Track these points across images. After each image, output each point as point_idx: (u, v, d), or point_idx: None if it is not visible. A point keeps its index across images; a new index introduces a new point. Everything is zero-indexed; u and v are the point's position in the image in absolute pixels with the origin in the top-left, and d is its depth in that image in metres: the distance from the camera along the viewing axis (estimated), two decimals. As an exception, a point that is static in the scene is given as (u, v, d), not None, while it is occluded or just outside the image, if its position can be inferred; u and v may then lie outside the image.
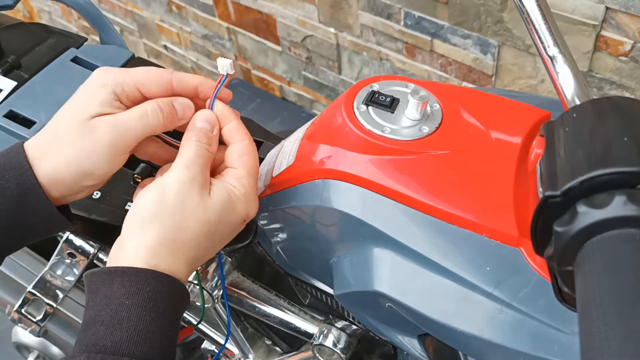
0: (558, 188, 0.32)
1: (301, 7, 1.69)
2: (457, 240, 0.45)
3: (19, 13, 2.66)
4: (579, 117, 0.35)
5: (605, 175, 0.31)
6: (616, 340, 0.27)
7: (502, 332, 0.42)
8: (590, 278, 0.30)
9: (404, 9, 1.46)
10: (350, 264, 0.52)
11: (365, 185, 0.48)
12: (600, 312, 0.29)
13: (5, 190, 0.47)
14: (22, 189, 0.47)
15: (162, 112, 0.50)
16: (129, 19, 2.27)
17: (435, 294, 0.45)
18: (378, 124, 0.50)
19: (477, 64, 1.43)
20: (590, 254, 0.31)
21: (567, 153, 0.34)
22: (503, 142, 0.49)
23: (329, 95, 1.89)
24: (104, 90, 0.49)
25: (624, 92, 1.24)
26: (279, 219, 0.58)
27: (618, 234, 0.30)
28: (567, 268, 0.33)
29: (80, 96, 0.50)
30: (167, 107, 0.50)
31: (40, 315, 0.85)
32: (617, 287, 0.29)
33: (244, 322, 0.79)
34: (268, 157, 0.63)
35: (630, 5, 1.11)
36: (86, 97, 0.49)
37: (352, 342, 0.66)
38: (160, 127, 0.50)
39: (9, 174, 0.47)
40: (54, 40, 0.78)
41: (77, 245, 0.82)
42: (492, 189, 0.46)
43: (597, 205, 0.31)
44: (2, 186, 0.47)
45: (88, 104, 0.49)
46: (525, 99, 0.55)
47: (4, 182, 0.47)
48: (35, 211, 0.48)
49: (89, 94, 0.49)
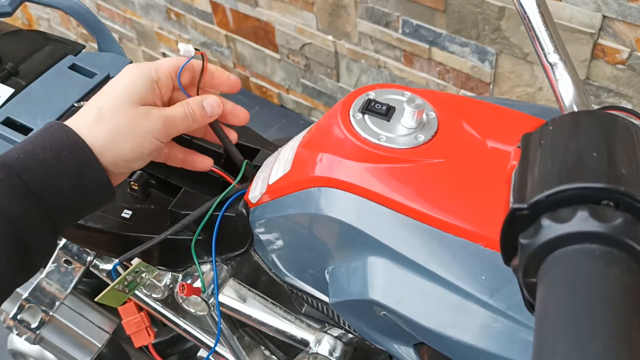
0: (526, 201, 0.33)
1: (300, 15, 1.69)
2: (453, 248, 0.45)
3: (18, 21, 2.67)
4: (555, 130, 0.35)
5: (570, 190, 0.31)
6: (561, 355, 0.27)
7: (497, 341, 0.42)
8: (547, 291, 0.31)
9: (402, 17, 1.46)
10: (345, 272, 0.52)
11: (361, 193, 0.48)
12: (551, 326, 0.29)
13: (65, 168, 0.49)
14: (80, 164, 0.50)
15: (196, 114, 0.56)
16: (127, 27, 2.27)
17: (431, 303, 0.45)
18: (374, 132, 0.50)
19: (474, 72, 1.43)
20: (551, 268, 0.31)
21: (539, 166, 0.34)
22: (499, 151, 0.49)
23: (327, 103, 1.90)
24: (143, 79, 0.54)
25: (622, 100, 1.25)
26: (275, 226, 0.58)
27: (578, 249, 0.30)
28: (531, 280, 0.33)
29: (123, 86, 0.53)
30: (198, 108, 0.56)
31: (36, 322, 0.85)
32: (569, 302, 0.29)
33: (239, 330, 0.79)
34: (264, 164, 0.63)
35: (628, 14, 1.11)
36: (130, 86, 0.53)
37: (348, 350, 0.66)
38: (194, 128, 0.56)
39: (66, 151, 0.50)
40: (52, 47, 0.78)
41: (74, 253, 0.82)
42: (488, 197, 0.46)
43: (560, 220, 0.31)
44: (62, 162, 0.49)
45: (135, 91, 0.53)
46: (523, 108, 0.55)
47: (63, 159, 0.49)
48: (92, 185, 0.51)
49: (132, 84, 0.53)
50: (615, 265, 0.30)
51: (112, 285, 0.68)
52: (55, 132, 0.51)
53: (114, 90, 0.54)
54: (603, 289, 0.29)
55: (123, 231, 0.67)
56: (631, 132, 0.34)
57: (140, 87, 0.54)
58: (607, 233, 0.30)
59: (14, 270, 0.47)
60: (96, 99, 0.54)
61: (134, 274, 0.68)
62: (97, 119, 0.52)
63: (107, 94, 0.54)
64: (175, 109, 0.55)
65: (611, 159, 0.32)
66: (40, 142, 0.50)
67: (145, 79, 0.54)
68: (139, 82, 0.54)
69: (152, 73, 0.55)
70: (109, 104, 0.53)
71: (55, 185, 0.49)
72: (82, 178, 0.50)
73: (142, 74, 0.54)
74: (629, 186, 0.31)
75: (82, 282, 0.91)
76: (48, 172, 0.49)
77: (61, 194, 0.49)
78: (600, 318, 0.28)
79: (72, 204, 0.51)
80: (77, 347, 0.89)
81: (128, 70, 0.55)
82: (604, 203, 0.31)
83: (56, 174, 0.49)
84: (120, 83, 0.54)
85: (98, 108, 0.53)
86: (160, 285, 0.72)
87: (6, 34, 0.79)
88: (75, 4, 0.81)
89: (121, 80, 0.54)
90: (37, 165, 0.48)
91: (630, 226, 0.30)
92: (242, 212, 0.62)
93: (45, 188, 0.48)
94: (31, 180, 0.48)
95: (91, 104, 0.54)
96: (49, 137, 0.50)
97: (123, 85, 0.54)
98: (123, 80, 0.54)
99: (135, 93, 0.53)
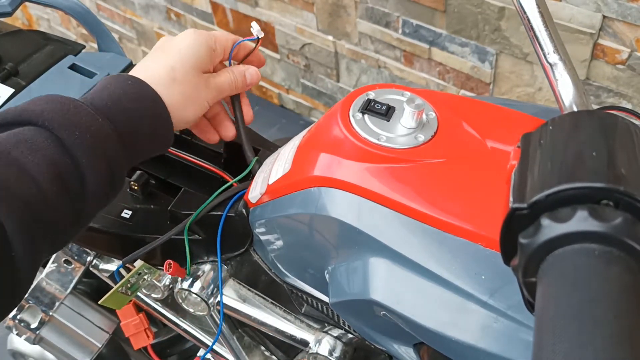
0: (526, 200, 0.33)
1: (300, 15, 1.69)
2: (452, 248, 0.45)
3: (18, 21, 2.67)
4: (555, 130, 0.35)
5: (570, 189, 0.31)
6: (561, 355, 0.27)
7: (497, 341, 0.42)
8: (547, 290, 0.30)
9: (402, 17, 1.46)
10: (345, 272, 0.52)
11: (361, 193, 0.48)
12: (551, 325, 0.29)
13: (145, 119, 0.54)
14: (156, 119, 0.55)
15: (239, 82, 0.63)
16: (127, 27, 2.27)
17: (430, 303, 0.45)
18: (374, 132, 0.50)
19: (474, 72, 1.43)
20: (551, 267, 0.31)
21: (539, 166, 0.34)
22: (499, 151, 0.49)
23: (327, 103, 1.90)
24: (205, 47, 0.59)
25: (622, 100, 1.25)
26: (275, 226, 0.58)
27: (578, 249, 0.31)
28: (531, 279, 0.33)
29: (190, 50, 0.58)
30: (241, 77, 0.63)
31: (36, 322, 0.85)
32: (568, 301, 0.29)
33: (239, 330, 0.79)
34: (264, 164, 0.63)
35: (627, 14, 1.11)
36: (195, 53, 0.58)
37: (348, 350, 0.66)
38: (236, 92, 0.63)
39: (147, 104, 0.54)
40: (52, 47, 0.78)
41: (73, 253, 0.82)
42: (488, 197, 0.46)
43: (559, 219, 0.31)
44: (143, 114, 0.54)
45: (199, 58, 0.58)
46: (522, 108, 0.55)
47: (143, 112, 0.54)
48: (161, 139, 0.57)
49: (196, 51, 0.58)
50: (615, 264, 0.30)
51: (116, 288, 0.67)
52: (136, 85, 0.55)
53: (182, 54, 0.58)
54: (603, 289, 0.29)
55: (123, 231, 0.67)
56: (631, 132, 0.34)
57: (204, 55, 0.59)
58: (607, 232, 0.30)
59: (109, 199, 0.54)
60: (164, 57, 0.58)
61: (137, 276, 0.68)
62: (170, 79, 0.56)
63: (174, 56, 0.57)
64: (224, 77, 0.61)
65: (611, 158, 0.32)
66: (123, 93, 0.54)
67: (206, 48, 0.59)
68: (202, 50, 0.58)
69: (211, 43, 0.59)
70: (180, 67, 0.57)
71: (135, 133, 0.53)
72: (156, 130, 0.55)
73: (204, 42, 0.59)
74: (629, 186, 0.31)
75: (82, 282, 0.91)
76: (131, 121, 0.53)
77: (137, 141, 0.54)
78: (600, 317, 0.28)
79: (142, 152, 0.56)
80: (77, 347, 0.89)
81: (190, 36, 0.59)
82: (604, 203, 0.31)
83: (137, 124, 0.53)
84: (186, 46, 0.58)
85: (171, 68, 0.57)
86: (160, 285, 0.72)
87: (6, 34, 0.79)
88: (75, 4, 0.81)
89: (186, 43, 0.58)
90: (123, 113, 0.53)
91: (629, 226, 0.30)
92: (242, 212, 0.62)
93: (126, 134, 0.52)
94: (119, 127, 0.52)
95: (160, 62, 0.57)
96: (131, 90, 0.54)
97: (189, 49, 0.58)
98: (188, 45, 0.58)
99: (199, 59, 0.58)
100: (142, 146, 0.55)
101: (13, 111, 0.49)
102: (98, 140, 0.49)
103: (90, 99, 0.52)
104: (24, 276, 0.44)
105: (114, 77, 0.55)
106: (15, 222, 0.43)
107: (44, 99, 0.50)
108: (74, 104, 0.50)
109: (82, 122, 0.49)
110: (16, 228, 0.43)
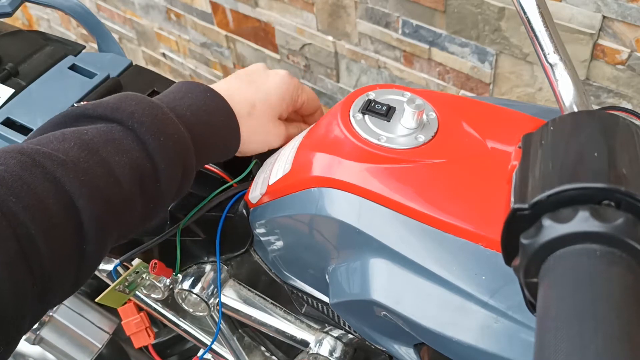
0: (527, 201, 0.33)
1: (300, 16, 1.69)
2: (453, 249, 0.45)
3: (18, 21, 2.67)
4: (556, 130, 0.35)
5: (571, 190, 0.31)
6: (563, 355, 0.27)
7: (498, 341, 0.42)
8: (549, 291, 0.30)
9: (402, 18, 1.46)
10: (346, 272, 0.52)
11: (361, 193, 0.48)
12: (553, 325, 0.29)
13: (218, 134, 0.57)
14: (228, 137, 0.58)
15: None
16: (127, 27, 2.27)
17: (431, 303, 0.45)
18: (374, 133, 0.50)
19: (474, 72, 1.43)
20: (552, 268, 0.31)
21: (540, 166, 0.34)
22: (499, 152, 0.49)
23: (327, 103, 1.90)
24: (288, 100, 0.62)
25: (622, 100, 1.25)
26: (275, 227, 0.58)
27: (580, 249, 0.30)
28: (532, 280, 0.33)
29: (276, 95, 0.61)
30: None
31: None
32: (570, 302, 0.29)
33: (239, 330, 0.79)
34: (265, 165, 0.63)
35: (627, 14, 1.11)
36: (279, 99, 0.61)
37: (348, 351, 0.66)
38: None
39: (221, 117, 0.57)
40: (52, 47, 0.78)
41: (74, 253, 0.82)
42: (488, 198, 0.46)
43: (561, 220, 0.31)
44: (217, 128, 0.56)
45: (281, 105, 0.61)
46: (523, 108, 0.55)
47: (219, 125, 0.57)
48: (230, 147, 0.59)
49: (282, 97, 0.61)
50: (616, 265, 0.29)
51: (113, 286, 0.68)
52: (215, 99, 0.57)
53: (267, 94, 0.60)
54: (604, 289, 0.29)
55: (123, 231, 0.67)
56: (632, 132, 0.34)
57: (286, 104, 0.62)
58: (609, 233, 0.30)
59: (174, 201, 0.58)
60: (250, 90, 0.60)
61: (135, 275, 0.68)
62: (247, 113, 0.59)
63: (259, 93, 0.60)
64: (293, 130, 0.64)
65: (612, 159, 0.32)
66: (203, 104, 0.56)
67: (290, 99, 0.62)
68: (286, 99, 0.61)
69: (295, 96, 0.62)
70: (260, 107, 0.59)
71: (207, 143, 0.56)
72: (225, 144, 0.58)
73: (292, 92, 0.62)
74: (630, 186, 0.31)
75: (82, 282, 0.91)
76: (206, 132, 0.55)
77: (207, 151, 0.56)
78: (602, 318, 0.28)
79: (208, 160, 0.58)
80: (77, 348, 0.89)
81: (282, 79, 0.61)
82: (605, 203, 0.31)
83: (210, 136, 0.56)
84: (274, 88, 0.61)
85: (251, 105, 0.59)
86: (160, 285, 0.72)
87: (6, 35, 0.79)
88: (75, 4, 0.81)
89: (275, 84, 0.61)
90: (201, 125, 0.55)
91: (631, 226, 0.30)
92: (242, 212, 0.62)
93: (200, 144, 0.55)
94: (196, 137, 0.54)
95: (244, 94, 0.59)
96: (210, 102, 0.56)
97: (276, 94, 0.61)
98: (277, 87, 0.61)
99: (280, 107, 0.61)
100: (210, 155, 0.58)
101: (105, 106, 0.51)
102: (178, 148, 0.52)
103: (172, 106, 0.54)
104: (90, 264, 0.47)
105: (193, 86, 0.57)
106: (94, 215, 0.45)
107: (133, 99, 0.52)
108: (161, 111, 0.52)
109: (167, 130, 0.51)
110: (93, 221, 0.45)
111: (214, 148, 0.57)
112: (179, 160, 0.52)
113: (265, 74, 0.61)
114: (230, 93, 0.58)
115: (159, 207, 0.53)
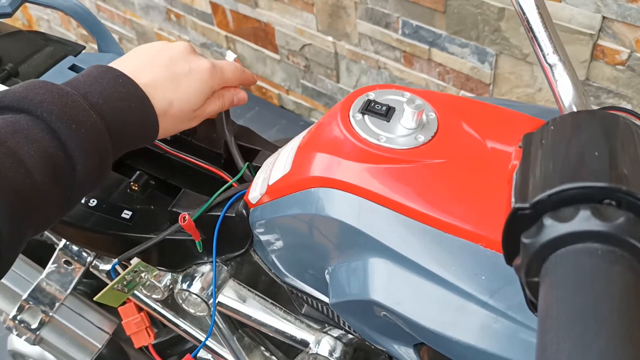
0: (528, 200, 0.33)
1: (299, 16, 1.69)
2: (453, 249, 0.45)
3: (18, 21, 2.67)
4: (556, 130, 0.35)
5: (572, 189, 0.31)
6: (565, 354, 0.27)
7: (498, 341, 0.42)
8: (550, 290, 0.30)
9: (402, 18, 1.47)
10: (345, 272, 0.52)
11: (361, 193, 0.48)
12: (555, 325, 0.29)
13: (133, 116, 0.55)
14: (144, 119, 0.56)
15: (227, 104, 0.65)
16: (127, 27, 2.27)
17: (431, 303, 0.45)
18: (374, 133, 0.50)
19: (474, 73, 1.43)
20: (554, 267, 0.31)
21: (540, 166, 0.34)
22: (499, 152, 0.49)
23: (327, 104, 1.90)
24: (208, 93, 0.61)
25: (621, 100, 1.25)
26: (275, 227, 0.58)
27: (581, 248, 0.30)
28: (534, 279, 0.33)
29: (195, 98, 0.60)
30: (229, 101, 0.65)
31: (36, 323, 0.85)
32: (572, 301, 0.29)
33: (239, 331, 0.79)
34: (264, 165, 0.63)
35: (627, 15, 1.11)
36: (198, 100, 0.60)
37: (348, 351, 0.66)
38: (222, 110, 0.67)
39: (134, 103, 0.56)
40: (52, 48, 0.78)
41: (73, 253, 0.82)
42: (488, 198, 0.46)
43: (562, 219, 0.31)
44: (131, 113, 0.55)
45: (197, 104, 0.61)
46: (522, 109, 0.55)
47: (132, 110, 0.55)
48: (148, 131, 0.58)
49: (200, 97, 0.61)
50: (617, 264, 0.29)
51: (111, 285, 0.68)
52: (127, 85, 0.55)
53: (187, 95, 0.59)
54: (606, 288, 0.29)
55: (123, 232, 0.67)
56: (632, 132, 0.34)
57: (205, 97, 0.61)
58: (610, 232, 0.30)
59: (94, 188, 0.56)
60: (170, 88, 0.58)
61: (133, 274, 0.68)
62: (164, 113, 0.58)
63: (179, 95, 0.59)
64: (212, 107, 0.63)
65: (613, 158, 0.32)
66: (115, 91, 0.54)
67: (212, 90, 0.62)
68: (207, 93, 0.61)
69: (217, 86, 0.62)
70: (178, 106, 0.59)
71: (122, 130, 0.55)
72: (142, 129, 0.57)
73: (213, 85, 0.61)
74: (631, 185, 0.31)
75: (82, 282, 0.91)
76: (120, 119, 0.54)
77: (124, 137, 0.55)
78: (603, 317, 0.28)
79: (127, 146, 0.57)
80: (77, 348, 0.89)
81: (204, 78, 0.60)
82: (606, 202, 0.31)
83: (125, 122, 0.55)
84: (195, 91, 0.60)
85: (169, 104, 0.58)
86: (160, 285, 0.72)
87: (6, 35, 0.79)
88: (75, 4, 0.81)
89: (196, 87, 0.60)
90: (114, 112, 0.54)
91: (632, 225, 0.30)
92: (242, 212, 0.62)
93: (115, 130, 0.54)
94: (110, 124, 0.53)
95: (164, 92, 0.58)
96: (122, 89, 0.55)
97: (196, 94, 0.60)
98: (197, 89, 0.60)
99: (200, 102, 0.61)
100: (128, 141, 0.56)
101: (11, 96, 0.50)
102: (92, 135, 0.51)
103: (83, 92, 0.53)
104: (6, 255, 0.46)
105: (104, 71, 0.55)
106: (4, 207, 0.44)
107: (41, 87, 0.51)
108: (71, 98, 0.51)
109: (79, 117, 0.50)
110: (4, 213, 0.44)
111: (131, 133, 0.56)
112: (94, 147, 0.51)
113: (187, 66, 0.60)
114: (146, 82, 0.57)
115: (77, 195, 0.52)
